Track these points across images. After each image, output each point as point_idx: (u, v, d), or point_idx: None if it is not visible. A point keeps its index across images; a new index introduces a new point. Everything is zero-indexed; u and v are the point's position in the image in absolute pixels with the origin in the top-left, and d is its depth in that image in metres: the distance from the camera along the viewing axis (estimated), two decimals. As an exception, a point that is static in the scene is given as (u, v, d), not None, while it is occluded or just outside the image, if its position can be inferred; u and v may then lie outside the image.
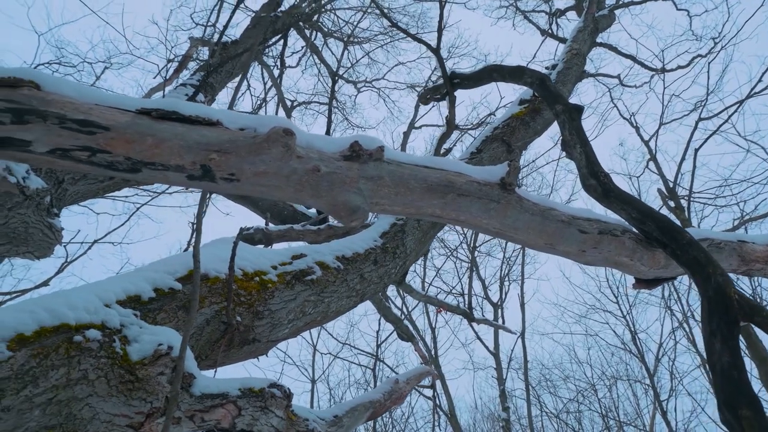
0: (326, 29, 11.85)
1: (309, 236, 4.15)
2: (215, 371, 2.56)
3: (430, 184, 1.66)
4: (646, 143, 7.08)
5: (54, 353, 1.85)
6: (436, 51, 3.82)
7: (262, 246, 3.89)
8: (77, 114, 1.26)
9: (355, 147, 1.56)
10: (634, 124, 7.05)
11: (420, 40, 3.96)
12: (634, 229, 2.11)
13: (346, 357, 14.05)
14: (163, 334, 2.18)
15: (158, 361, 2.10)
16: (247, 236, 3.61)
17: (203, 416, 2.21)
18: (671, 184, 5.78)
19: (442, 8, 3.79)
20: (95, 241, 7.31)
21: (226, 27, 5.90)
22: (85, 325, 1.98)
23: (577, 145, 2.52)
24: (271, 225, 4.40)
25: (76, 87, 1.33)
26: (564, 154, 2.64)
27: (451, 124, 4.13)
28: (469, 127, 8.80)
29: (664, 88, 7.09)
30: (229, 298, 2.52)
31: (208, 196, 7.77)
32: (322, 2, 10.97)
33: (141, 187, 8.18)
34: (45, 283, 6.87)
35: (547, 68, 7.19)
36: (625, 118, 7.17)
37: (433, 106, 14.15)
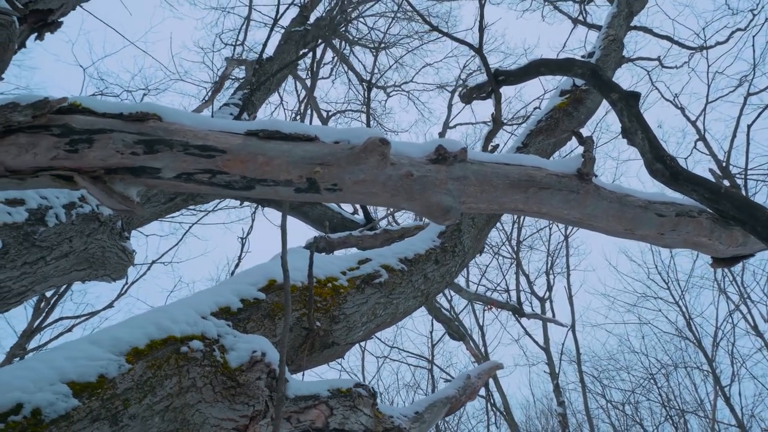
0: (353, 38, 12.02)
1: (367, 241, 4.26)
2: (303, 374, 2.67)
3: (512, 180, 1.73)
4: (693, 123, 6.93)
5: (166, 364, 1.99)
6: (479, 50, 3.88)
7: (324, 253, 4.01)
8: (197, 140, 1.38)
9: (441, 150, 1.65)
10: (679, 105, 6.92)
11: (462, 41, 4.02)
12: (708, 210, 2.13)
13: (396, 359, 14.10)
14: (256, 342, 2.31)
15: (254, 366, 2.22)
16: (308, 244, 3.74)
17: (299, 417, 2.32)
18: (724, 163, 5.66)
19: (482, 8, 3.85)
20: (153, 262, 7.61)
21: (265, 46, 6.09)
22: (189, 337, 2.12)
23: (638, 131, 2.54)
24: (329, 233, 4.53)
25: (190, 116, 1.46)
26: (625, 141, 2.66)
27: (497, 121, 4.18)
28: (505, 122, 8.80)
29: (708, 66, 6.93)
30: (310, 305, 2.63)
31: (259, 209, 7.92)
32: (349, 11, 11.15)
33: (190, 207, 8.47)
34: (110, 305, 7.18)
35: (583, 56, 7.14)
36: (668, 100, 7.05)
37: (465, 105, 14.16)
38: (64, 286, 7.06)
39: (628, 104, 2.65)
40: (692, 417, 13.87)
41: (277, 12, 6.02)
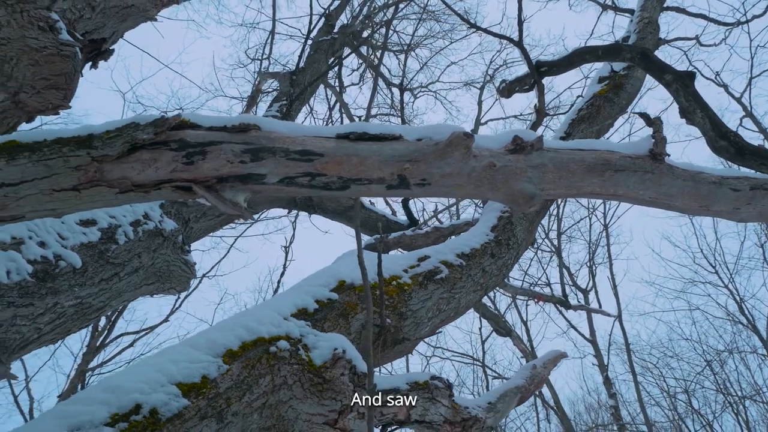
0: (377, 43, 12.13)
1: (419, 240, 4.33)
2: (380, 370, 2.74)
3: (588, 165, 1.77)
4: (739, 100, 6.77)
5: (258, 363, 2.09)
6: (519, 44, 3.91)
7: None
8: (296, 146, 1.47)
9: (518, 140, 1.70)
10: (721, 83, 6.78)
11: (503, 36, 4.07)
12: (782, 182, 2.12)
13: (442, 357, 14.07)
14: (335, 340, 2.40)
15: (337, 363, 2.30)
16: (370, 245, 3.83)
17: (382, 410, 2.40)
18: (774, 138, 5.52)
19: (520, 2, 3.89)
20: (203, 276, 7.83)
21: (300, 58, 6.23)
22: (275, 338, 2.22)
23: (696, 110, 2.54)
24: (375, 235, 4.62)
25: (283, 124, 1.55)
26: (684, 121, 2.66)
27: (541, 113, 4.20)
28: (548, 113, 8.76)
29: (750, 40, 6.74)
30: (381, 303, 2.71)
31: (299, 218, 8.04)
32: (372, 17, 11.28)
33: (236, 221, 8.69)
34: (165, 320, 7.41)
35: (617, 41, 7.07)
36: (708, 79, 6.89)
37: (495, 101, 14.12)
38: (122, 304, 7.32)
39: (683, 84, 2.65)
40: (750, 403, 13.46)
41: (310, 23, 6.15)
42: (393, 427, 2.46)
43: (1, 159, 1.27)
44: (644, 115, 1.98)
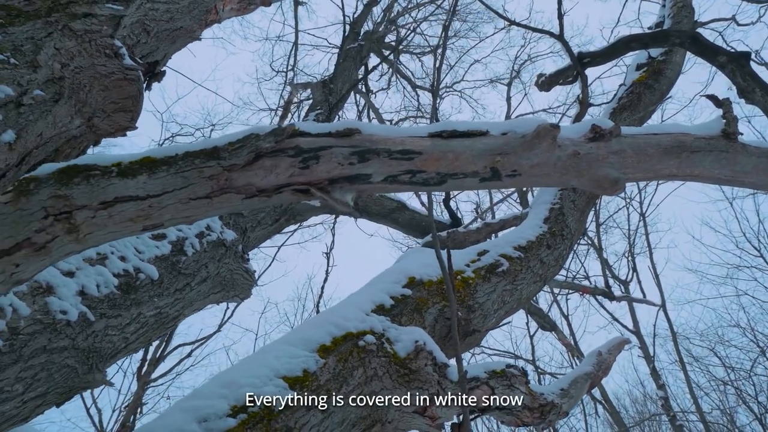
0: (402, 47, 12.26)
1: (471, 236, 4.41)
2: (462, 362, 2.83)
3: (665, 148, 1.84)
4: (782, 78, 6.70)
5: (350, 357, 2.20)
6: (560, 37, 3.97)
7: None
8: (397, 146, 1.58)
9: (596, 129, 1.78)
10: (762, 62, 6.69)
11: (544, 31, 4.14)
12: None
13: (487, 354, 14.03)
14: (415, 333, 2.50)
15: (419, 355, 2.41)
16: (427, 243, 3.93)
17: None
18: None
19: (560, -3, 3.95)
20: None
21: (336, 69, 6.39)
22: (362, 332, 2.33)
23: (755, 89, 2.57)
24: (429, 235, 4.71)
25: (380, 127, 1.67)
26: (743, 101, 2.70)
27: (584, 104, 4.24)
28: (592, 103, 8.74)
29: (791, 16, 6.62)
30: (452, 296, 2.80)
31: (336, 225, 8.24)
32: (396, 19, 11.43)
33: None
34: (219, 329, 7.61)
35: (650, 28, 7.05)
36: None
37: (524, 97, 14.10)
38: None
39: (739, 65, 2.69)
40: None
41: (344, 32, 6.30)
42: (475, 415, 2.55)
43: (143, 174, 1.41)
44: (713, 97, 2.04)
